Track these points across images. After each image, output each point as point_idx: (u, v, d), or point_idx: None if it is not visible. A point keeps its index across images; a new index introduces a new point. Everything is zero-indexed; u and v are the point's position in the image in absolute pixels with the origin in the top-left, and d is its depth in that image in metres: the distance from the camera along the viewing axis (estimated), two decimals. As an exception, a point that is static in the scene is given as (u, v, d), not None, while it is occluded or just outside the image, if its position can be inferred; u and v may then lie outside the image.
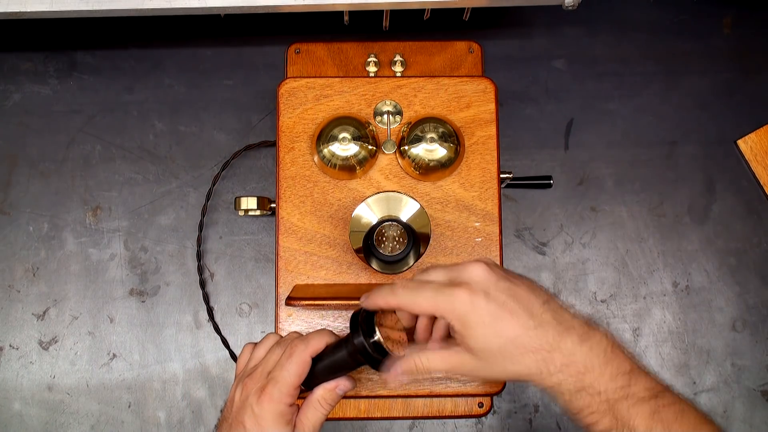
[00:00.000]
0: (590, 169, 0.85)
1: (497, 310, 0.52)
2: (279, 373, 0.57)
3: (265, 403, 0.56)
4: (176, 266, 0.83)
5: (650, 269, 0.83)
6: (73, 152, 0.84)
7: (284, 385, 0.56)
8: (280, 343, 0.60)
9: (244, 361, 0.62)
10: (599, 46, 0.87)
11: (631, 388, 0.51)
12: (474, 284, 0.53)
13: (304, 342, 0.58)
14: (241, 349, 0.63)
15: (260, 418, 0.56)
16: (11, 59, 0.86)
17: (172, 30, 0.86)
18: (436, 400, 0.71)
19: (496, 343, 0.52)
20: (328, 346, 0.58)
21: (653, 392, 0.52)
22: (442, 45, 0.80)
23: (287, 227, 0.69)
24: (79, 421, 0.80)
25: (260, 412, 0.56)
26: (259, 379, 0.58)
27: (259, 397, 0.56)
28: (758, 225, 0.84)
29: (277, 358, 0.58)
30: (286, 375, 0.57)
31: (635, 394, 0.51)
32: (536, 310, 0.53)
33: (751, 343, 0.82)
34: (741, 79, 0.87)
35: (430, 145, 0.68)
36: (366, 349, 0.55)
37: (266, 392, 0.56)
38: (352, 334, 0.56)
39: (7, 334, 0.81)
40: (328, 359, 0.58)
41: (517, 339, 0.52)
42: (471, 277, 0.53)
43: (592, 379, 0.51)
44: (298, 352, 0.57)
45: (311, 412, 0.58)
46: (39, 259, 0.82)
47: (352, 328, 0.56)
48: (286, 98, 0.71)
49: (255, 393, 0.57)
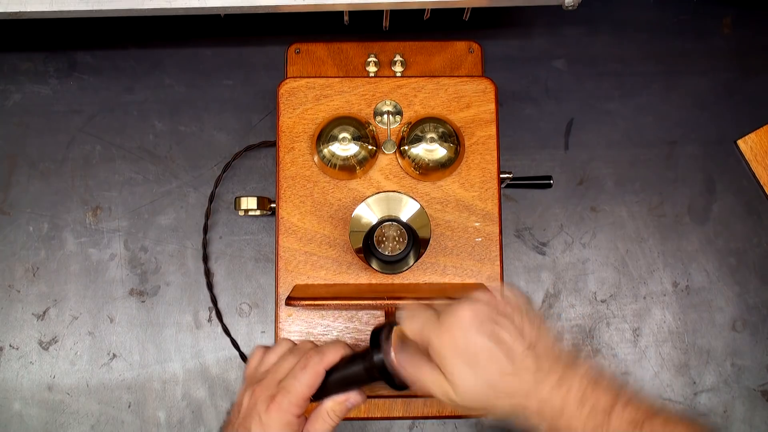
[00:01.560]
0: (590, 169, 0.85)
1: (476, 355, 0.52)
2: (291, 383, 0.56)
3: (273, 412, 0.56)
4: (176, 266, 0.83)
5: (650, 269, 0.83)
6: (73, 152, 0.84)
7: (295, 396, 0.56)
8: (294, 352, 0.60)
9: (254, 365, 0.61)
10: (599, 46, 0.87)
11: (611, 424, 0.51)
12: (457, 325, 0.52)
13: (320, 354, 0.57)
14: (252, 350, 0.62)
15: (267, 426, 0.56)
16: (11, 59, 0.86)
17: (172, 30, 0.86)
18: (436, 400, 0.71)
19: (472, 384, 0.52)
20: (342, 359, 0.57)
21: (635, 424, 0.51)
22: (442, 45, 0.80)
23: (287, 227, 0.69)
24: (79, 421, 0.80)
25: (268, 421, 0.56)
26: (269, 387, 0.57)
27: (268, 406, 0.56)
28: (758, 225, 0.84)
29: (289, 367, 0.58)
30: (298, 386, 0.56)
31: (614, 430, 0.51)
32: (517, 355, 0.52)
33: (751, 343, 0.82)
34: (741, 79, 0.87)
35: (430, 145, 0.68)
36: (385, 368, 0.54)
37: (276, 401, 0.56)
38: (372, 350, 0.55)
39: (7, 334, 0.81)
40: (342, 372, 0.57)
41: (493, 384, 0.52)
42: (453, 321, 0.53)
43: (567, 420, 0.51)
44: (312, 363, 0.57)
45: (319, 424, 0.58)
46: (39, 259, 0.82)
47: (373, 344, 0.55)
48: (286, 98, 0.71)
49: (264, 401, 0.56)
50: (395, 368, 0.54)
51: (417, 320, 0.54)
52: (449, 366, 0.52)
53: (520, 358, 0.52)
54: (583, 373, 0.52)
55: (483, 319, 0.52)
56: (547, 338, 0.54)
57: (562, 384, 0.52)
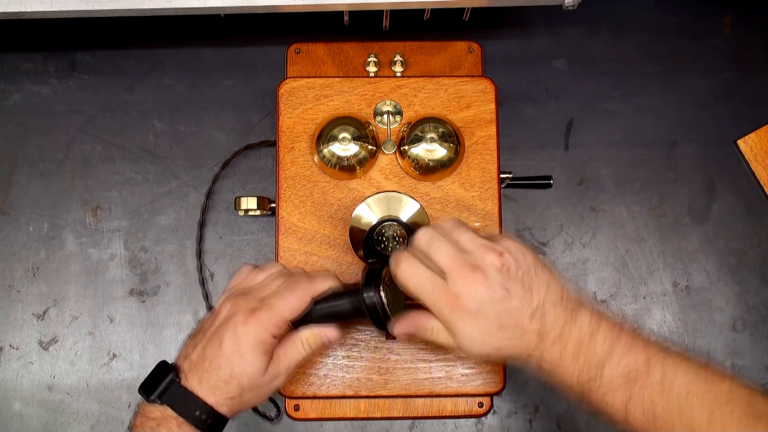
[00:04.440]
0: (590, 169, 0.85)
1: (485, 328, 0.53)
2: (276, 301, 0.56)
3: (251, 325, 0.55)
4: (176, 266, 0.83)
5: (650, 269, 0.83)
6: (73, 152, 0.84)
7: (276, 315, 0.55)
8: (284, 274, 0.59)
9: (239, 279, 0.61)
10: (599, 46, 0.87)
11: (603, 378, 0.52)
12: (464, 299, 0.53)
13: (310, 281, 0.57)
14: (240, 266, 0.62)
15: (241, 339, 0.55)
16: (11, 59, 0.86)
17: (172, 30, 0.86)
18: (436, 400, 0.71)
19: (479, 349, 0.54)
20: (330, 291, 0.57)
21: (630, 377, 0.51)
22: (442, 45, 0.80)
23: (287, 227, 0.69)
24: (79, 421, 0.80)
25: (243, 333, 0.55)
26: (252, 301, 0.56)
27: (247, 318, 0.55)
28: (758, 225, 0.84)
29: (276, 286, 0.57)
30: (283, 306, 0.56)
31: (607, 383, 0.52)
32: (526, 322, 0.53)
33: (751, 343, 0.82)
34: (741, 79, 0.87)
35: (430, 145, 0.68)
36: (376, 308, 0.54)
37: (256, 315, 0.55)
38: (364, 288, 0.55)
39: (7, 334, 0.81)
40: (327, 304, 0.57)
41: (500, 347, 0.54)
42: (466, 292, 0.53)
43: (562, 373, 0.53)
44: (301, 288, 0.56)
45: (291, 350, 0.57)
46: (39, 259, 0.82)
47: (367, 282, 0.55)
48: (286, 98, 0.71)
49: (243, 312, 0.56)
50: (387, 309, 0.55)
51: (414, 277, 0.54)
52: (458, 329, 0.54)
53: (529, 323, 0.53)
54: (582, 326, 0.53)
55: (495, 288, 0.53)
56: (555, 293, 0.54)
57: (561, 339, 0.53)
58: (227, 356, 0.55)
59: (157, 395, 0.55)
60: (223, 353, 0.55)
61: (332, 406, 0.71)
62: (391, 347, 0.68)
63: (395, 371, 0.68)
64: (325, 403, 0.71)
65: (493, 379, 0.68)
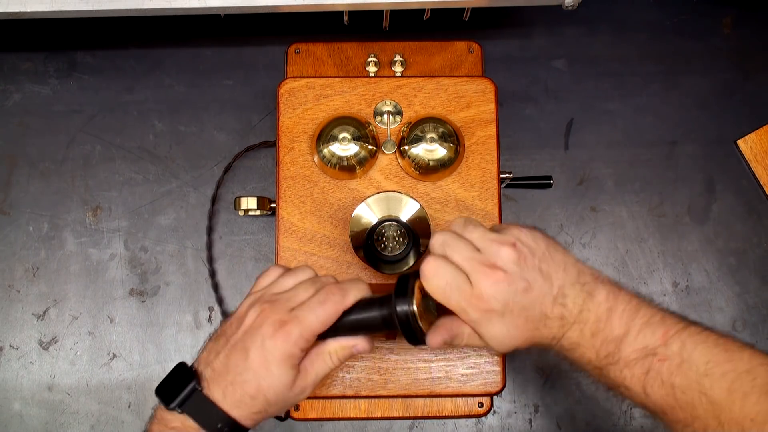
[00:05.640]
0: (590, 169, 0.85)
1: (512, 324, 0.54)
2: (306, 314, 0.53)
3: (280, 340, 0.52)
4: (176, 266, 0.83)
5: (650, 269, 0.83)
6: (73, 152, 0.84)
7: (307, 329, 0.53)
8: (314, 282, 0.56)
9: (266, 283, 0.58)
10: (599, 46, 0.87)
11: (621, 353, 0.52)
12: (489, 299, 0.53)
13: (342, 292, 0.55)
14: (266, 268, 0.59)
15: (269, 353, 0.52)
16: (11, 59, 0.86)
17: (172, 30, 0.86)
18: (436, 400, 0.71)
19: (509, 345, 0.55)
20: (360, 301, 0.55)
21: (648, 350, 0.51)
22: (442, 45, 0.80)
23: (287, 227, 0.69)
24: (79, 421, 0.80)
25: (271, 347, 0.52)
26: (280, 312, 0.54)
27: (275, 331, 0.52)
28: (758, 225, 0.84)
29: (306, 296, 0.55)
30: (313, 320, 0.53)
31: (625, 358, 0.52)
32: (548, 310, 0.54)
33: (751, 343, 0.82)
34: (741, 79, 0.87)
35: (430, 145, 0.68)
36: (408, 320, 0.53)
37: (285, 329, 0.52)
38: (397, 299, 0.53)
39: (7, 334, 0.81)
40: (356, 315, 0.54)
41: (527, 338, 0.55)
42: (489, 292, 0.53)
43: (581, 353, 0.54)
44: (333, 300, 0.54)
45: (319, 363, 0.55)
46: (39, 259, 0.82)
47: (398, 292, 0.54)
48: (286, 98, 0.71)
49: (272, 324, 0.53)
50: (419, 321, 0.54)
51: (440, 278, 0.54)
52: (484, 329, 0.54)
53: (551, 310, 0.54)
54: (600, 302, 0.53)
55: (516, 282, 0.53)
56: (572, 273, 0.54)
57: (581, 319, 0.53)
58: (254, 370, 0.53)
59: (177, 403, 0.53)
60: (249, 366, 0.53)
61: (332, 406, 0.71)
62: (391, 347, 0.68)
63: (395, 371, 0.68)
64: (325, 403, 0.71)
65: (493, 379, 0.68)
